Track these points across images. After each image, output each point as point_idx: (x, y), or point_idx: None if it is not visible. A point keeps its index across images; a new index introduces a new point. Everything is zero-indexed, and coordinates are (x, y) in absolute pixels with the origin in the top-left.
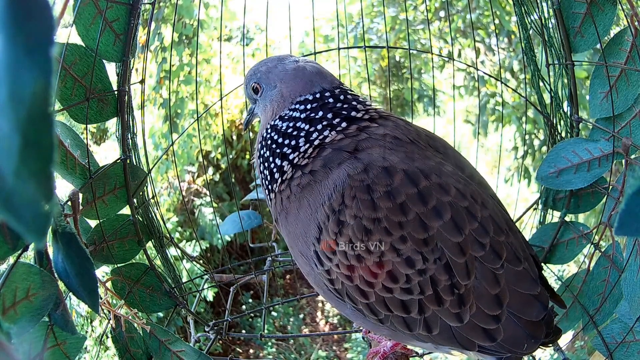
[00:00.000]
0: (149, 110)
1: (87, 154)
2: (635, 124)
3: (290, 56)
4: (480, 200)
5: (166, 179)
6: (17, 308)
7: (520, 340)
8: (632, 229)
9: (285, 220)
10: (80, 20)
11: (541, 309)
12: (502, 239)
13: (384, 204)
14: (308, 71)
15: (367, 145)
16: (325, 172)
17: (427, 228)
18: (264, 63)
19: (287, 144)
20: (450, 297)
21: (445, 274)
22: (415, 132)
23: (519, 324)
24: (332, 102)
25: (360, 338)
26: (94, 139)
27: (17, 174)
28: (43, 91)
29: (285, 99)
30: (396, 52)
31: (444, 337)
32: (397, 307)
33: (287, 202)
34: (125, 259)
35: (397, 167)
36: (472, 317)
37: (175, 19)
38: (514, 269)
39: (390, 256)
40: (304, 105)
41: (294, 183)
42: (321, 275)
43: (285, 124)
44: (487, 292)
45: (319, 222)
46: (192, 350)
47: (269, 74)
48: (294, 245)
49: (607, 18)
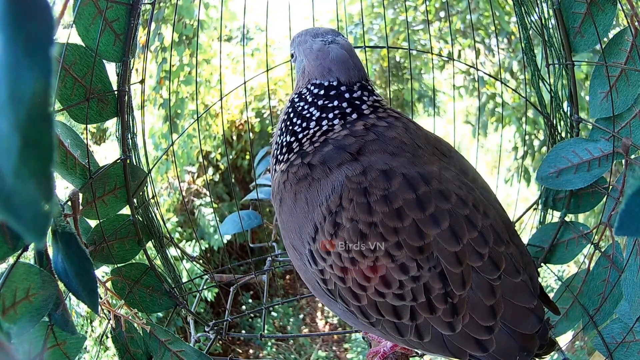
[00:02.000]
0: (149, 110)
1: (87, 154)
2: (635, 124)
3: (328, 33)
4: (482, 208)
5: (166, 179)
6: (17, 308)
7: (513, 353)
8: (632, 229)
9: (280, 207)
10: (80, 20)
11: (536, 322)
12: (501, 250)
13: (380, 208)
14: (330, 57)
15: (372, 149)
16: (324, 170)
17: (423, 235)
18: (301, 34)
19: (299, 124)
20: (444, 306)
21: (439, 282)
22: (425, 137)
23: (512, 336)
24: (347, 95)
25: (360, 338)
26: (94, 139)
27: (16, 174)
28: (43, 91)
29: (305, 76)
30: (396, 52)
31: (435, 345)
32: (389, 312)
33: (283, 188)
34: (125, 259)
35: (396, 171)
36: (465, 326)
37: (175, 19)
38: (512, 280)
39: (385, 261)
40: (318, 90)
41: (292, 170)
42: (314, 274)
43: (301, 103)
44: (481, 303)
45: (316, 221)
46: (192, 350)
47: (299, 47)
48: (287, 236)
49: (607, 18)
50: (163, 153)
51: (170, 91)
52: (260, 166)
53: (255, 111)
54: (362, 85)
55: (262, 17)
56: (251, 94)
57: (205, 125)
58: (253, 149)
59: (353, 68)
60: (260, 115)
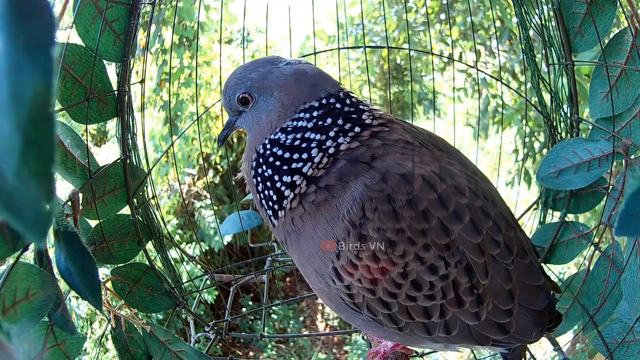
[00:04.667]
0: (149, 112)
1: (87, 153)
2: (635, 124)
3: (279, 58)
4: (490, 197)
5: (166, 182)
6: (17, 308)
7: (530, 330)
8: (632, 229)
9: (297, 241)
10: (80, 20)
11: (545, 297)
12: (511, 234)
13: (407, 212)
14: (310, 74)
15: (382, 153)
16: (342, 185)
17: (449, 232)
18: (253, 68)
19: (298, 158)
20: (470, 298)
21: (465, 276)
22: (421, 134)
23: (527, 314)
24: (339, 107)
25: (360, 341)
26: (94, 141)
27: (18, 174)
28: (44, 91)
29: (287, 109)
30: (397, 54)
31: (462, 336)
32: (420, 314)
33: (300, 222)
34: (125, 259)
35: (414, 173)
36: (489, 313)
37: (175, 21)
38: (522, 262)
39: (415, 265)
40: (310, 113)
41: (308, 199)
42: (339, 290)
43: (290, 136)
44: (501, 288)
45: (338, 237)
46: (192, 350)
47: (263, 81)
48: (307, 264)
49: (607, 18)
50: (162, 154)
51: (170, 93)
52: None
53: None
54: (345, 92)
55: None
56: None
57: (206, 128)
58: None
59: (330, 77)
60: None
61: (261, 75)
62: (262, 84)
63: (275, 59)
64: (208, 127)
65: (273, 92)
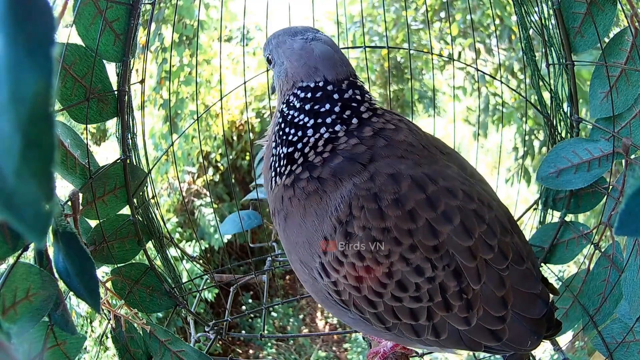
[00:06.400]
0: (149, 111)
1: (87, 154)
2: (635, 124)
3: (306, 30)
4: (486, 201)
5: (166, 180)
6: (17, 308)
7: (525, 338)
8: (632, 229)
9: (284, 222)
10: (80, 20)
11: (543, 306)
12: (507, 240)
13: (393, 212)
14: (315, 54)
15: (383, 154)
16: (335, 183)
17: (438, 234)
18: (277, 35)
19: (294, 133)
20: (459, 303)
21: (454, 280)
22: (424, 136)
23: (522, 322)
24: (337, 96)
25: (360, 339)
26: (94, 140)
27: (18, 174)
28: (44, 91)
29: (289, 81)
30: (397, 53)
31: (452, 341)
32: (406, 315)
33: (289, 204)
34: (125, 259)
35: (403, 174)
36: (479, 319)
37: (175, 20)
38: (518, 268)
39: (400, 266)
40: (305, 94)
41: (299, 185)
42: (327, 286)
43: (291, 112)
44: (493, 295)
45: (326, 234)
46: (192, 350)
47: (278, 49)
48: (293, 251)
49: (607, 18)
50: (163, 153)
51: (170, 91)
52: (260, 166)
53: (255, 111)
54: (351, 82)
55: (262, 17)
56: (251, 94)
57: (206, 126)
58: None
59: (340, 64)
60: (261, 115)
61: (278, 42)
62: (277, 50)
63: (299, 31)
64: (208, 125)
65: (283, 60)
